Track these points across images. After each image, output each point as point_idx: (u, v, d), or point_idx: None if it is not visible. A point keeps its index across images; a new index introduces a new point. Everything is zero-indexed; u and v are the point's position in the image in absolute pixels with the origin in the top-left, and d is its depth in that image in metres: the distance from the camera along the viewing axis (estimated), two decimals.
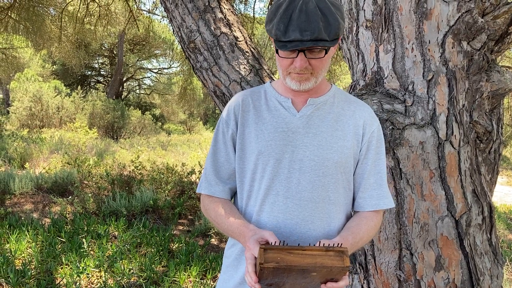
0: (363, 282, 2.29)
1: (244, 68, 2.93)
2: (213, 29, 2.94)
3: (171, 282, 3.69)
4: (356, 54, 2.46)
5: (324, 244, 1.21)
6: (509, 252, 5.02)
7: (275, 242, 1.21)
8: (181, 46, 3.12)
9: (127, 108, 20.08)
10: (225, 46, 2.96)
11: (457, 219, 2.13)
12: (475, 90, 2.19)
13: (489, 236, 2.28)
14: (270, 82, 1.55)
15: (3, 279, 3.42)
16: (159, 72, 31.57)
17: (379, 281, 2.23)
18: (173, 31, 3.13)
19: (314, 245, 1.26)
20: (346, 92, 1.58)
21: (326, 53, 1.29)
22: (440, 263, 2.13)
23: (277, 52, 1.32)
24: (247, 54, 2.89)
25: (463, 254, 2.15)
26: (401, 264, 2.17)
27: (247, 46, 2.91)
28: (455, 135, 2.11)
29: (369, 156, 1.46)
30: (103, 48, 27.34)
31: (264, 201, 1.40)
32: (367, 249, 2.26)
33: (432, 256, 2.13)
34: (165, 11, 3.17)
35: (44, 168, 8.05)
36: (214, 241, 5.24)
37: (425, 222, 2.13)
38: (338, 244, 1.20)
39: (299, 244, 1.20)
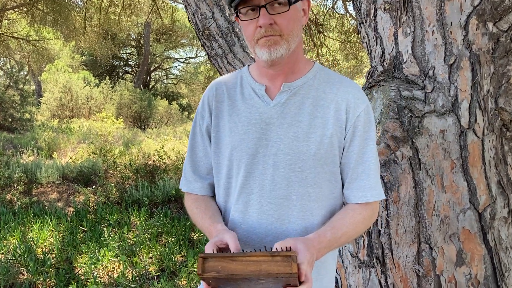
0: (380, 277, 2.20)
1: None
2: (227, 15, 2.86)
3: (189, 272, 3.67)
4: (374, 38, 2.35)
5: (272, 248, 1.12)
6: None
7: (232, 248, 1.13)
8: (196, 33, 3.06)
9: (154, 97, 20.26)
10: (240, 33, 2.88)
11: (480, 211, 2.02)
12: (501, 74, 2.05)
13: None
14: (248, 66, 1.43)
15: (23, 268, 3.47)
16: (185, 61, 31.73)
17: (397, 276, 2.13)
18: (188, 18, 3.08)
19: (260, 250, 1.16)
20: (331, 71, 1.42)
21: (289, 5, 1.19)
22: (462, 258, 2.02)
23: (238, 19, 1.24)
24: None
25: (487, 248, 2.03)
26: (420, 258, 2.06)
27: None
28: (478, 123, 1.99)
29: (354, 143, 1.31)
30: (130, 38, 27.61)
31: (238, 200, 1.31)
32: (384, 242, 2.17)
33: (453, 250, 2.02)
34: None
35: (70, 158, 8.18)
36: None
37: (446, 215, 2.02)
38: (287, 248, 1.09)
39: (243, 250, 1.12)
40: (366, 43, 2.50)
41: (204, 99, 1.41)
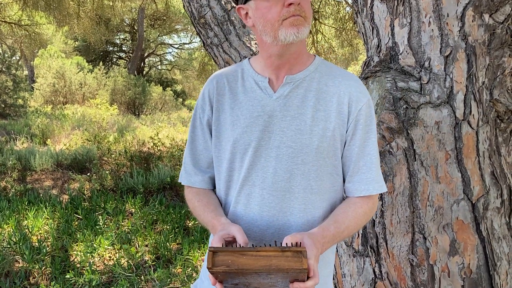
0: (374, 266, 2.23)
1: (255, 44, 2.84)
2: (223, 3, 2.84)
3: (184, 260, 3.69)
4: (371, 29, 2.34)
5: (282, 243, 1.12)
6: None
7: (240, 241, 1.13)
8: (192, 21, 3.04)
9: (148, 84, 20.14)
10: (236, 21, 2.86)
11: (473, 202, 2.04)
12: (496, 66, 2.06)
13: (508, 219, 2.17)
14: (249, 58, 1.42)
15: (19, 256, 3.48)
16: (180, 47, 31.50)
17: (391, 265, 2.16)
18: (184, 6, 3.05)
19: (270, 245, 1.17)
20: (332, 64, 1.42)
21: None
22: (455, 247, 2.05)
23: (248, 6, 1.23)
24: None
25: (480, 238, 2.06)
26: (413, 248, 2.09)
27: None
28: (473, 115, 2.00)
29: (356, 137, 1.32)
30: (124, 23, 27.34)
31: (240, 192, 1.31)
32: (379, 232, 2.19)
33: (447, 240, 2.05)
34: None
35: (64, 145, 8.15)
36: None
37: (440, 206, 2.04)
38: (297, 243, 1.10)
39: (253, 245, 1.12)
40: (362, 33, 2.49)
41: (205, 92, 1.40)
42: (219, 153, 1.36)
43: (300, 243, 1.10)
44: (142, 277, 3.13)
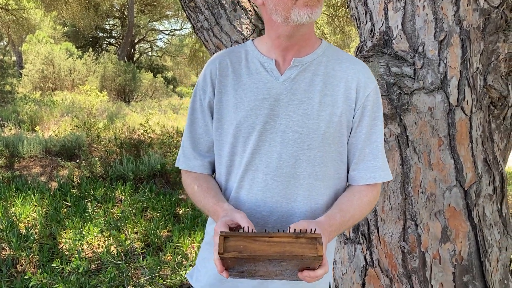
0: (366, 253, 2.22)
1: (247, 28, 2.79)
2: None
3: (174, 248, 3.67)
4: (364, 13, 2.30)
5: (295, 229, 1.07)
6: None
7: (246, 227, 1.08)
8: (182, 5, 2.97)
9: (138, 70, 19.95)
10: (227, 5, 2.80)
11: (466, 189, 2.02)
12: (490, 51, 2.03)
13: (499, 206, 2.17)
14: (253, 40, 1.37)
15: (6, 243, 3.43)
16: (170, 33, 31.21)
17: (382, 252, 2.15)
18: None
19: (283, 231, 1.11)
20: (339, 49, 1.38)
21: None
22: (447, 234, 2.04)
23: None
24: (250, 13, 2.74)
25: (471, 225, 2.05)
26: (405, 235, 2.07)
27: (250, 4, 2.75)
28: (467, 101, 1.97)
29: (363, 123, 1.28)
30: (114, 9, 26.98)
31: (243, 178, 1.27)
32: (370, 219, 2.17)
33: (438, 227, 2.04)
34: None
35: (53, 132, 8.05)
36: None
37: (432, 192, 2.02)
38: (312, 230, 1.06)
39: (266, 230, 1.07)
40: (355, 17, 2.45)
41: (206, 72, 1.34)
42: (220, 137, 1.32)
43: (315, 229, 1.06)
44: (131, 265, 3.10)
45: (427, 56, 1.99)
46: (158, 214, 4.47)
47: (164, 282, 2.86)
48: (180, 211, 4.75)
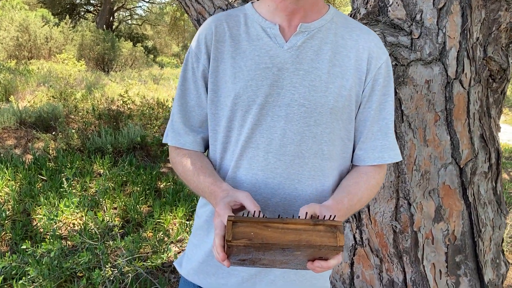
0: (355, 232, 2.13)
1: None
2: None
3: (155, 224, 3.55)
4: None
5: (309, 214, 0.95)
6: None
7: (254, 211, 0.95)
8: None
9: (117, 39, 19.41)
10: None
11: (461, 166, 1.93)
12: (492, 20, 1.91)
13: (494, 185, 2.09)
14: (252, 3, 1.21)
15: None
16: (151, 1, 30.37)
17: (373, 232, 2.06)
18: None
19: (299, 217, 0.97)
20: (348, 16, 1.24)
21: None
22: (440, 214, 1.95)
23: None
24: None
25: (466, 204, 1.97)
26: (397, 214, 1.98)
27: None
28: (465, 73, 1.86)
29: (373, 98, 1.15)
30: None
31: (242, 156, 1.13)
32: None
33: (432, 206, 1.95)
34: None
35: (29, 102, 7.75)
36: None
37: (426, 170, 1.92)
38: (330, 216, 0.93)
39: (279, 216, 0.94)
40: None
41: (200, 37, 1.18)
42: (216, 110, 1.17)
43: (335, 216, 0.94)
44: (111, 243, 2.97)
45: (425, 25, 1.86)
46: (138, 189, 4.32)
47: (144, 263, 2.74)
48: (161, 186, 4.61)
